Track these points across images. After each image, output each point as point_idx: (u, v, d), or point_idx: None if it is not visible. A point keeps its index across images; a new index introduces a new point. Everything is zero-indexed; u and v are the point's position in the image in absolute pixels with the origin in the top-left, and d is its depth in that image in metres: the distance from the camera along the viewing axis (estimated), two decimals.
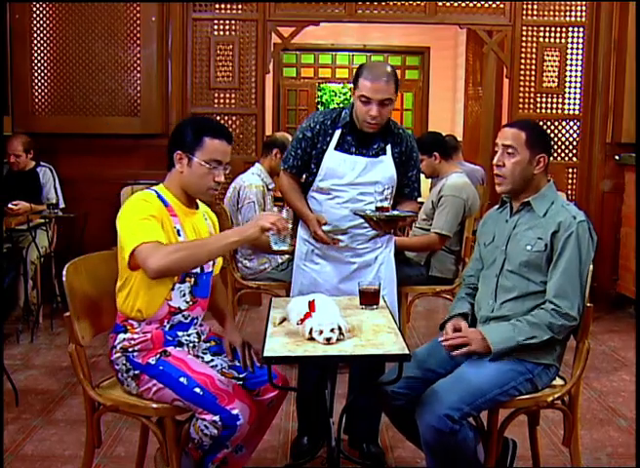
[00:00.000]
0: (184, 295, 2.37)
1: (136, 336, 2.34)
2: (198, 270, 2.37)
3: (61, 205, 4.88)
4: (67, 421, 3.31)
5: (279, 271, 4.21)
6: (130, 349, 2.34)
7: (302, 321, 2.23)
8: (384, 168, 2.83)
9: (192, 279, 2.37)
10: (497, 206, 2.64)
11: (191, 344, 2.43)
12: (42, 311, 4.75)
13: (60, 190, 4.92)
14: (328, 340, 2.12)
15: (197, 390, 2.22)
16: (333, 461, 2.35)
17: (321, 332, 2.13)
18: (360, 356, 2.14)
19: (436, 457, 2.35)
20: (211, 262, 2.42)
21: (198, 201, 2.49)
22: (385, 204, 2.76)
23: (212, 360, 2.44)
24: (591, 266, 2.41)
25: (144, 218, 2.22)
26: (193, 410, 2.26)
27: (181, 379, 2.25)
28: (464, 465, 2.35)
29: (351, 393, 3.03)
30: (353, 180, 2.81)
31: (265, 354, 2.08)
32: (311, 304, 2.28)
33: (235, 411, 2.20)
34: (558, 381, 2.49)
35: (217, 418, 2.20)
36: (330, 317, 2.18)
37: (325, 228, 2.82)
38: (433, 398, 2.29)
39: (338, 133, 2.82)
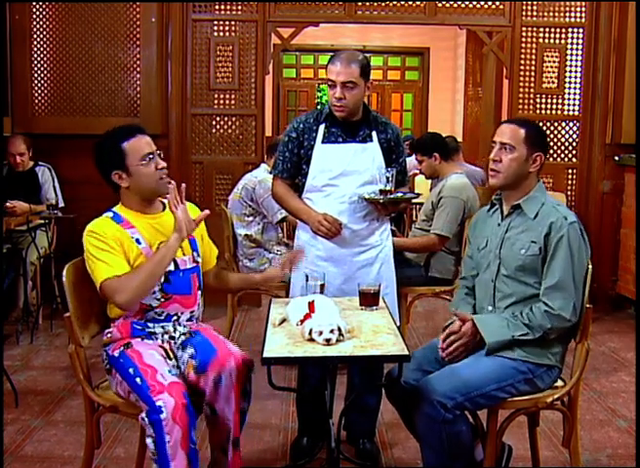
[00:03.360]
0: (154, 293, 2.41)
1: (110, 330, 2.44)
2: (172, 267, 2.42)
3: (61, 204, 4.88)
4: (67, 422, 3.30)
5: None
6: (108, 343, 2.44)
7: (302, 322, 2.24)
8: (372, 154, 2.89)
9: (162, 276, 2.40)
10: (487, 207, 2.64)
11: (166, 335, 2.45)
12: (42, 312, 4.75)
13: (60, 190, 4.93)
14: (327, 341, 2.13)
15: (137, 380, 2.25)
16: (332, 462, 2.35)
17: (321, 333, 2.14)
18: (360, 357, 2.14)
19: (430, 448, 2.36)
20: (187, 258, 2.48)
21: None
22: (389, 187, 2.83)
23: (181, 356, 2.43)
24: (590, 267, 2.41)
25: (104, 253, 2.33)
26: (141, 407, 2.23)
27: (130, 370, 2.29)
28: (460, 461, 2.35)
29: (350, 394, 3.03)
30: (344, 170, 2.85)
31: (265, 355, 2.09)
32: (311, 305, 2.28)
33: (159, 403, 2.15)
34: (558, 382, 2.49)
35: (144, 414, 2.18)
36: (329, 318, 2.18)
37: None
38: (428, 386, 2.31)
39: (322, 127, 2.88)
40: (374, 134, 2.90)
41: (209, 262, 2.67)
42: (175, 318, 2.47)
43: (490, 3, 5.28)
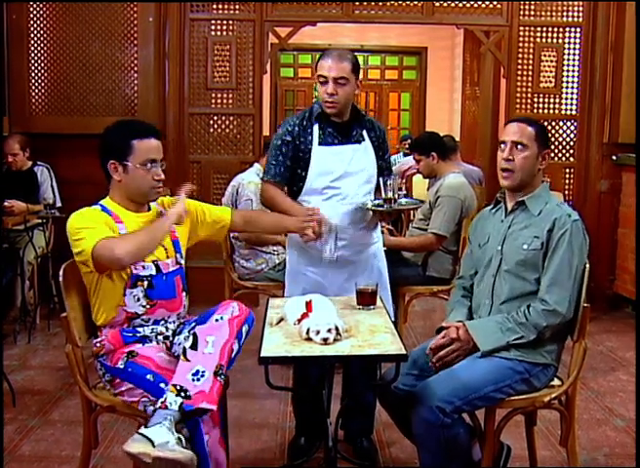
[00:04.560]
0: (139, 300, 2.37)
1: (99, 340, 2.39)
2: (153, 272, 2.37)
3: (58, 204, 4.87)
4: (64, 422, 3.30)
5: (276, 271, 4.21)
6: (100, 353, 2.38)
7: (300, 321, 2.23)
8: (367, 154, 2.89)
9: (145, 282, 2.36)
10: (489, 206, 2.65)
11: (160, 336, 2.42)
12: (39, 312, 4.75)
13: (57, 190, 4.92)
14: (325, 340, 2.13)
15: (162, 385, 2.22)
16: (330, 462, 2.35)
17: (318, 333, 2.13)
18: (357, 356, 2.14)
19: (428, 451, 2.35)
20: (170, 261, 2.42)
21: (152, 204, 2.50)
22: (390, 194, 2.80)
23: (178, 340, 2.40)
24: (588, 266, 2.42)
25: (93, 223, 2.28)
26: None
27: (148, 377, 2.26)
28: (457, 461, 2.35)
29: (346, 393, 3.03)
30: (344, 172, 2.83)
31: (262, 354, 2.08)
32: (308, 304, 2.28)
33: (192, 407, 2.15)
34: (555, 381, 2.49)
35: None
36: (327, 317, 2.18)
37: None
38: (426, 391, 2.30)
39: (316, 127, 2.85)
40: (364, 133, 2.90)
41: (223, 219, 2.63)
42: (162, 322, 2.44)
43: (487, 2, 5.28)
